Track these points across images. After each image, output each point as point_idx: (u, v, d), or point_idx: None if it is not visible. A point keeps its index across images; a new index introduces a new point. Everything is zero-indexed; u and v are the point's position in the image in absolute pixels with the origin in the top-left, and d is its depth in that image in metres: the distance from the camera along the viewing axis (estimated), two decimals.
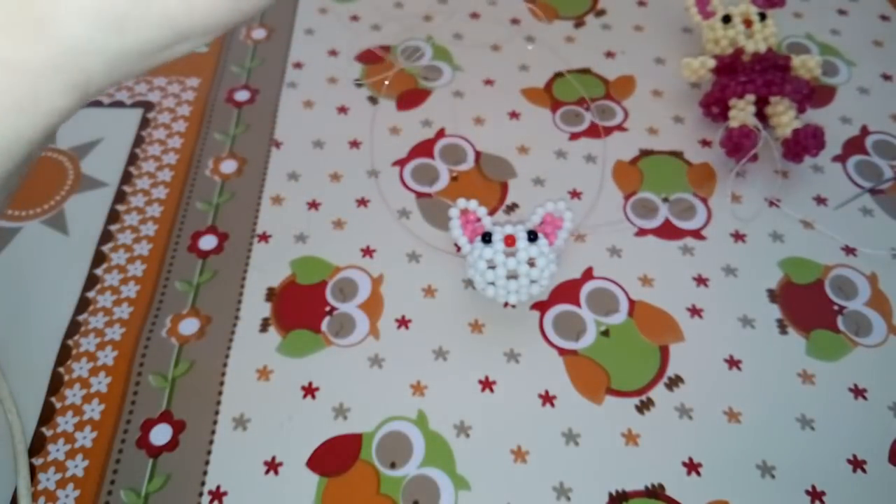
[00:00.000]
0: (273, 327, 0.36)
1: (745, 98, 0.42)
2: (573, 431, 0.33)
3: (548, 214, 0.36)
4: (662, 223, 0.40)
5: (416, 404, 0.34)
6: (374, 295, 0.37)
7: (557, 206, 0.36)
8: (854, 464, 0.32)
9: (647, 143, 0.44)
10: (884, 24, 0.52)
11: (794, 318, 0.37)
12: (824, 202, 0.42)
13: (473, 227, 0.36)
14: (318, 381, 0.34)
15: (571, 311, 0.37)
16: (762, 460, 0.32)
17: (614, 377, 0.35)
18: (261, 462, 0.32)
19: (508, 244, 0.34)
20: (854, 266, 0.39)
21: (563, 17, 0.52)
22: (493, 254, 0.34)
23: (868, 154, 0.44)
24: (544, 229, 0.36)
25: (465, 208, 0.36)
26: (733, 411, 0.34)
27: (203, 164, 0.43)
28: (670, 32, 0.51)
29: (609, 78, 0.48)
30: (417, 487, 0.31)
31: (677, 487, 0.32)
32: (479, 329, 0.36)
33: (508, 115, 0.45)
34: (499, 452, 0.32)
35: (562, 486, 0.32)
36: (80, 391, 0.34)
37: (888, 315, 0.37)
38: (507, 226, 0.35)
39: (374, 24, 0.51)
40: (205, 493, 0.31)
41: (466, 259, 0.35)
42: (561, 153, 0.44)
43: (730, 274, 0.38)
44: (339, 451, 0.32)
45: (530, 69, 0.48)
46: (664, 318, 0.37)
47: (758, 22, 0.43)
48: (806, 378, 0.35)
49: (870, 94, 0.47)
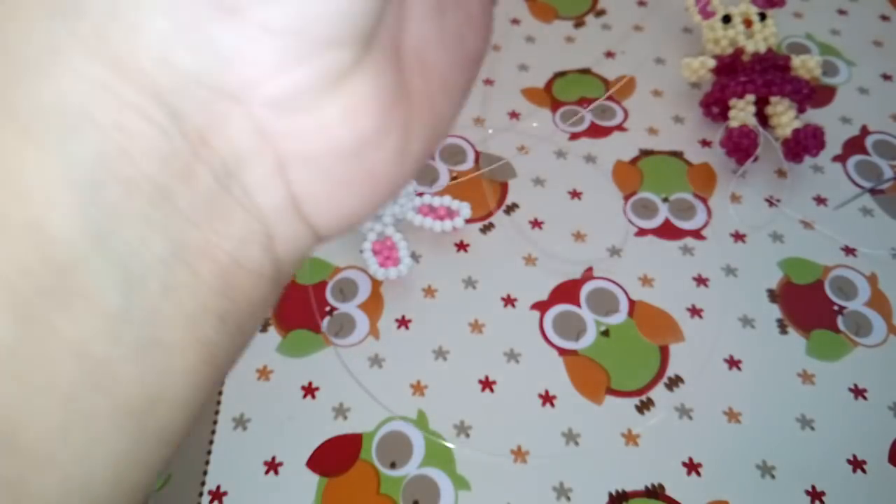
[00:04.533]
0: (273, 327, 0.36)
1: (745, 98, 0.42)
2: (573, 431, 0.33)
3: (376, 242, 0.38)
4: (662, 223, 0.40)
5: (416, 404, 0.34)
6: (374, 295, 0.37)
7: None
8: (854, 464, 0.32)
9: (647, 143, 0.44)
10: (884, 24, 0.52)
11: (794, 318, 0.37)
12: (824, 202, 0.42)
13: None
14: (318, 381, 0.34)
15: (571, 311, 0.37)
16: (762, 460, 0.32)
17: (614, 377, 0.35)
18: (261, 462, 0.32)
19: None
20: (854, 266, 0.39)
21: (563, 17, 0.52)
22: None
23: (868, 154, 0.44)
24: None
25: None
26: (733, 411, 0.34)
27: None
28: (670, 32, 0.51)
29: (609, 78, 0.48)
30: (417, 487, 0.31)
31: (677, 487, 0.32)
32: (479, 329, 0.36)
33: (508, 115, 0.45)
34: (499, 452, 0.32)
35: (562, 486, 0.32)
36: None
37: (888, 315, 0.37)
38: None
39: None
40: (205, 493, 0.31)
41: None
42: (561, 153, 0.44)
43: (730, 274, 0.38)
44: (339, 451, 0.32)
45: (530, 69, 0.48)
46: (664, 318, 0.37)
47: (758, 22, 0.43)
48: (806, 378, 0.35)
49: (870, 94, 0.47)
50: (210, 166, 0.11)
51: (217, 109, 0.11)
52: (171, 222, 0.11)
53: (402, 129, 0.13)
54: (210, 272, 0.11)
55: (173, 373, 0.11)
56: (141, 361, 0.11)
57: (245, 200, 0.12)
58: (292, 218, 0.12)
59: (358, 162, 0.12)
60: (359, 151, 0.12)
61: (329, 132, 0.12)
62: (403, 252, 0.37)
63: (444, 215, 0.38)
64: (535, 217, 0.40)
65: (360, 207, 0.14)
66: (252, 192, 0.12)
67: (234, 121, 0.11)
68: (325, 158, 0.12)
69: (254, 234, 0.12)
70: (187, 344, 0.11)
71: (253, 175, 0.12)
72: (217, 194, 0.11)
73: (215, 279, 0.11)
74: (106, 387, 0.10)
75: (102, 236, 0.10)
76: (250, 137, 0.11)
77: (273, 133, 0.11)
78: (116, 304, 0.10)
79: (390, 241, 0.37)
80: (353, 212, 0.13)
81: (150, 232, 0.10)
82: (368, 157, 0.13)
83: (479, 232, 0.40)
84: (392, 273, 0.36)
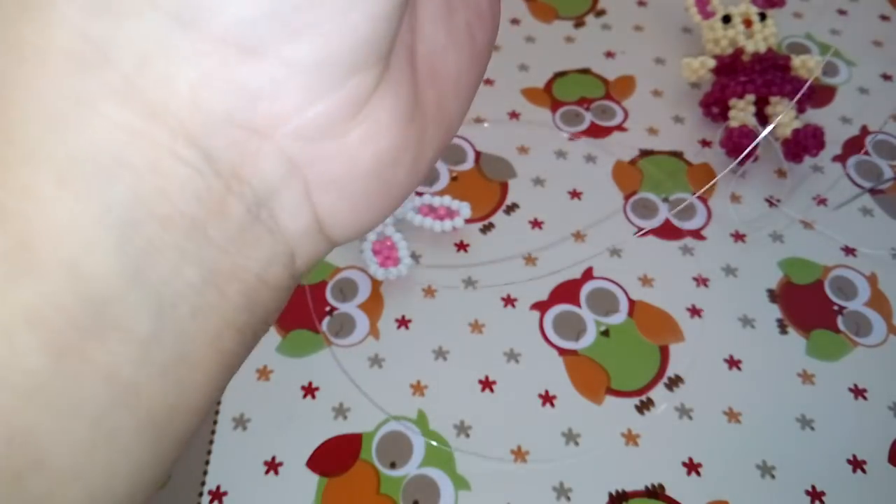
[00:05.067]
0: (273, 327, 0.36)
1: (745, 98, 0.42)
2: (573, 431, 0.33)
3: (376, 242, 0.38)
4: (662, 223, 0.40)
5: (416, 404, 0.34)
6: (374, 295, 0.37)
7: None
8: (854, 464, 0.32)
9: (647, 143, 0.44)
10: (884, 24, 0.52)
11: (794, 318, 0.37)
12: (824, 202, 0.42)
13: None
14: (318, 381, 0.34)
15: (571, 311, 0.37)
16: (762, 460, 0.32)
17: (614, 377, 0.35)
18: (261, 462, 0.32)
19: None
20: (854, 266, 0.39)
21: (563, 17, 0.52)
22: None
23: (868, 154, 0.44)
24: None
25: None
26: (733, 411, 0.34)
27: None
28: (670, 32, 0.51)
29: (609, 78, 0.48)
30: (417, 487, 0.31)
31: (677, 487, 0.32)
32: (479, 329, 0.36)
33: (508, 115, 0.45)
34: (499, 452, 0.32)
35: (562, 486, 0.32)
36: None
37: (888, 315, 0.37)
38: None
39: None
40: (205, 493, 0.31)
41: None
42: (561, 153, 0.44)
43: (730, 274, 0.38)
44: (339, 451, 0.32)
45: (530, 69, 0.48)
46: (664, 318, 0.37)
47: (758, 22, 0.43)
48: (806, 378, 0.35)
49: (870, 94, 0.47)
50: (242, 199, 0.11)
51: (248, 146, 0.11)
52: (204, 252, 0.11)
53: (418, 142, 0.13)
54: (237, 292, 0.12)
55: (194, 385, 0.11)
56: (166, 379, 0.11)
57: (272, 225, 0.12)
58: (316, 237, 0.13)
59: (378, 179, 0.13)
60: (379, 171, 0.12)
61: (352, 155, 0.12)
62: (403, 252, 0.37)
63: (444, 215, 0.38)
64: (535, 217, 0.40)
65: (376, 218, 0.14)
66: (280, 217, 0.12)
67: (265, 155, 0.11)
68: (347, 180, 0.12)
69: (279, 256, 0.12)
70: (209, 358, 0.12)
71: (281, 202, 0.12)
72: (248, 224, 0.11)
73: (241, 298, 0.12)
74: (132, 405, 0.10)
75: (138, 272, 0.10)
76: (280, 168, 0.11)
77: (301, 162, 0.12)
78: (148, 330, 0.10)
79: (390, 241, 0.37)
80: (370, 222, 0.14)
81: (183, 263, 0.11)
82: (387, 173, 0.13)
83: (479, 232, 0.40)
84: (392, 273, 0.36)
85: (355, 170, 0.12)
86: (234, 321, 0.12)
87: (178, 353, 0.11)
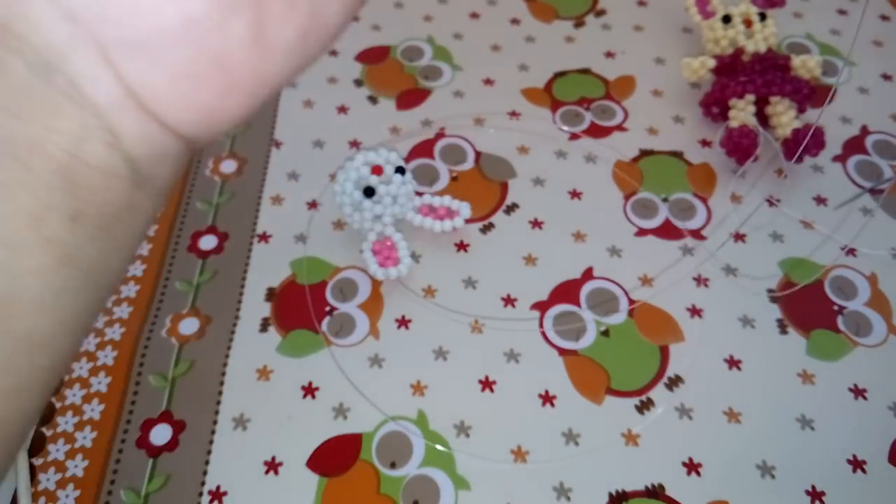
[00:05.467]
0: (273, 327, 0.36)
1: (745, 98, 0.42)
2: (573, 431, 0.33)
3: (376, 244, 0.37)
4: (662, 223, 0.40)
5: (416, 404, 0.34)
6: (374, 295, 0.37)
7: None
8: (854, 464, 0.32)
9: (647, 143, 0.44)
10: (884, 24, 0.52)
11: (794, 318, 0.37)
12: (824, 202, 0.42)
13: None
14: (318, 381, 0.34)
15: (571, 311, 0.37)
16: (762, 460, 0.32)
17: (614, 377, 0.35)
18: (261, 462, 0.32)
19: (375, 172, 0.37)
20: (854, 266, 0.39)
21: (563, 17, 0.52)
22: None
23: (868, 154, 0.44)
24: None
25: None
26: (733, 411, 0.34)
27: (203, 164, 0.43)
28: (670, 32, 0.51)
29: (609, 78, 0.48)
30: (417, 487, 0.31)
31: (677, 487, 0.32)
32: (479, 329, 0.36)
33: (508, 115, 0.45)
34: (499, 452, 0.32)
35: (562, 486, 0.32)
36: (80, 391, 0.34)
37: (888, 315, 0.37)
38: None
39: (374, 24, 0.51)
40: (205, 493, 0.31)
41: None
42: (561, 153, 0.44)
43: (730, 274, 0.38)
44: (339, 451, 0.32)
45: (530, 69, 0.48)
46: (664, 318, 0.37)
47: (758, 22, 0.43)
48: (806, 378, 0.35)
49: (870, 94, 0.47)
50: (20, 54, 0.11)
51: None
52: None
53: (253, 14, 0.12)
54: (45, 168, 0.11)
55: (23, 272, 0.11)
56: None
57: (73, 93, 0.11)
58: (135, 112, 0.12)
59: (197, 49, 0.12)
60: (193, 36, 0.11)
61: (147, 14, 0.11)
62: (403, 252, 0.37)
63: (444, 215, 0.38)
64: (535, 217, 0.40)
65: (219, 102, 0.13)
66: (79, 83, 0.11)
67: (37, 6, 0.11)
68: (152, 45, 0.11)
69: (91, 130, 0.11)
70: (34, 243, 0.11)
71: (76, 66, 0.11)
72: (36, 86, 0.11)
73: (53, 175, 0.11)
74: None
75: None
76: (62, 25, 0.11)
77: (85, 18, 0.11)
78: None
79: (390, 241, 0.37)
80: (211, 106, 0.13)
81: None
82: (209, 44, 0.12)
83: (479, 232, 0.40)
84: (392, 273, 0.36)
85: (157, 32, 0.11)
86: (56, 204, 0.11)
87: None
